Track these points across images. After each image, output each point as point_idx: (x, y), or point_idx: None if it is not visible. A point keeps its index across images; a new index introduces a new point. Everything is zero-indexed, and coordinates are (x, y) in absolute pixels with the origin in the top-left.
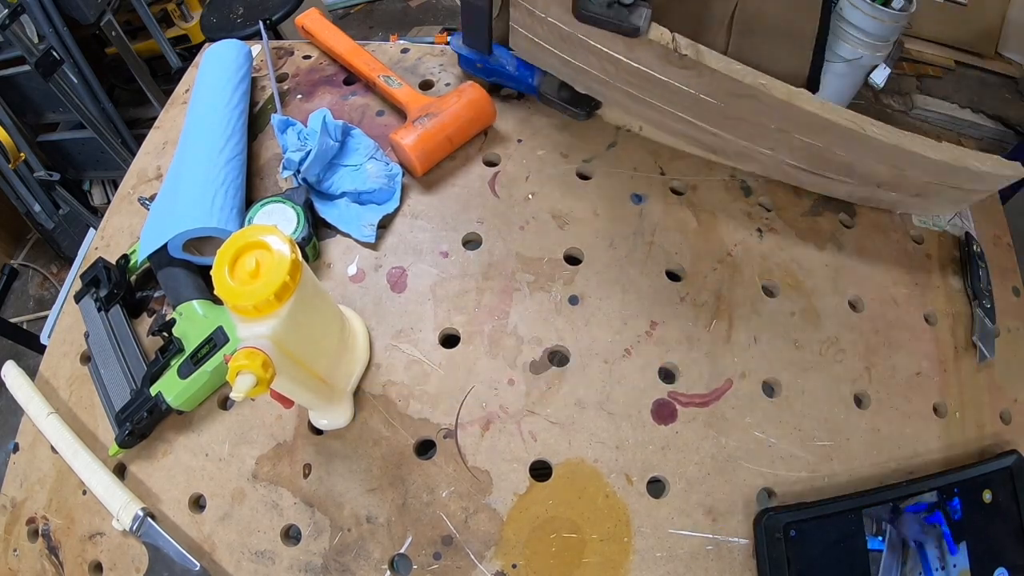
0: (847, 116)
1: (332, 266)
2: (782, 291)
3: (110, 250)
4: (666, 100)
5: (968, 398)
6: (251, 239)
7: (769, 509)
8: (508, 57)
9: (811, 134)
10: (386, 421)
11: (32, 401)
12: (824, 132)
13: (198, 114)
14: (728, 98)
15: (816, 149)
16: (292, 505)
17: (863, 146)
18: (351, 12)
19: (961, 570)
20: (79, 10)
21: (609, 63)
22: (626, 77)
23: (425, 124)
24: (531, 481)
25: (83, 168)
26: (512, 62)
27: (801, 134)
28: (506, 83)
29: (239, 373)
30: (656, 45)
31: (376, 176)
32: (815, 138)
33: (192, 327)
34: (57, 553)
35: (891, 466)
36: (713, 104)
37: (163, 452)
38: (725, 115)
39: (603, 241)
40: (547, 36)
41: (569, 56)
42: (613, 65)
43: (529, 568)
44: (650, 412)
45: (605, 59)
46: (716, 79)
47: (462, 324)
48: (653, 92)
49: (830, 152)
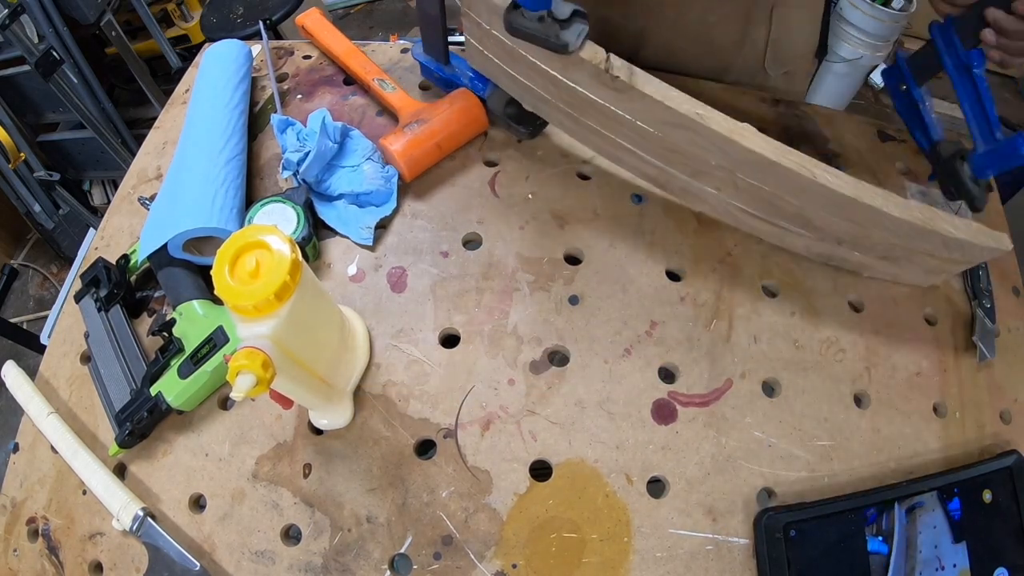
0: (794, 158)
1: (332, 266)
2: (782, 291)
3: (110, 250)
4: (606, 126)
5: (968, 398)
6: (251, 239)
7: (769, 509)
8: (465, 68)
9: (755, 175)
10: (386, 421)
11: (32, 401)
12: (769, 173)
13: (198, 114)
14: (664, 127)
15: (763, 193)
16: (292, 505)
17: (814, 194)
18: (351, 12)
19: (961, 570)
20: (79, 10)
21: (550, 82)
22: (566, 97)
23: (415, 130)
24: (531, 481)
25: (83, 168)
26: (467, 73)
27: (744, 174)
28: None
29: (239, 373)
30: (588, 65)
31: (373, 177)
32: (760, 180)
33: (192, 327)
34: (57, 553)
35: (891, 466)
36: (651, 133)
37: (163, 452)
38: (664, 146)
39: (603, 241)
40: (494, 49)
41: (514, 71)
42: (553, 84)
43: (529, 568)
44: (650, 412)
45: (546, 77)
46: (650, 105)
47: (462, 324)
48: (593, 116)
49: (779, 198)
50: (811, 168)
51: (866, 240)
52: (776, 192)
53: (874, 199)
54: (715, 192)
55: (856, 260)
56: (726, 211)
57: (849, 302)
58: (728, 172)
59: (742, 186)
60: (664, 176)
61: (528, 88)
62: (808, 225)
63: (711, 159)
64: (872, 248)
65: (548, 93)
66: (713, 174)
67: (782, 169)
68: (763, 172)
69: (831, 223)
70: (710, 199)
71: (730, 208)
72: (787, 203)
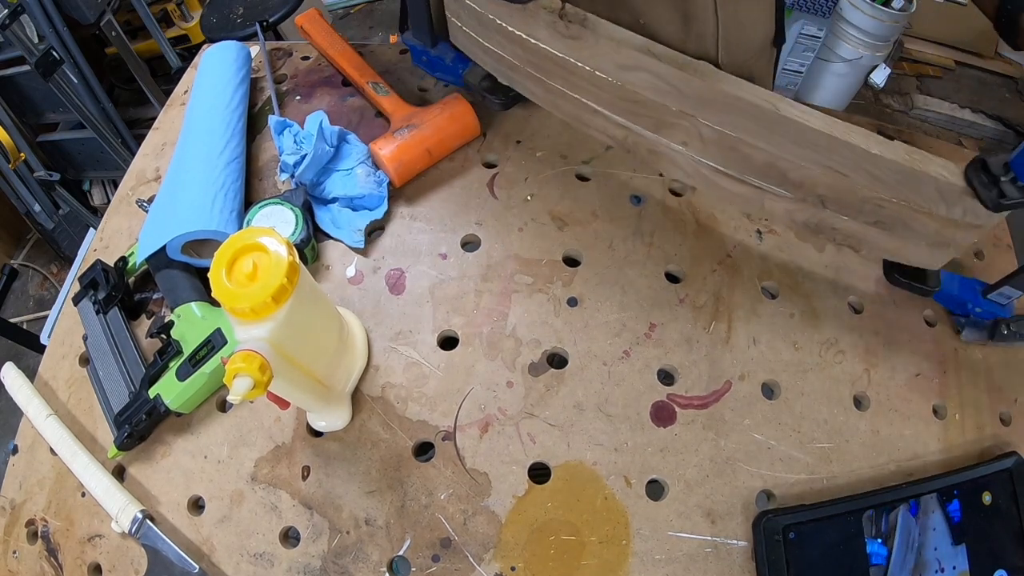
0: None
1: (331, 268)
2: (781, 292)
3: (109, 251)
4: (570, 85)
5: (968, 400)
6: (249, 241)
7: (768, 511)
8: (448, 51)
9: (717, 117)
10: (384, 423)
11: (31, 403)
12: (731, 113)
13: (197, 116)
14: (620, 72)
15: (729, 141)
16: (291, 507)
17: (779, 134)
18: (351, 12)
19: (960, 572)
20: (79, 10)
21: (517, 46)
22: (532, 60)
23: (404, 135)
24: (530, 483)
25: (83, 168)
26: (451, 54)
27: (706, 118)
28: (445, 76)
29: (236, 376)
30: (544, 15)
31: (365, 181)
32: (723, 123)
33: (190, 329)
34: (56, 555)
35: (890, 468)
36: (609, 83)
37: (162, 454)
38: (624, 97)
39: (602, 242)
40: (469, 21)
41: (486, 41)
42: (520, 47)
43: (528, 570)
44: (649, 414)
45: (513, 41)
46: (605, 49)
47: (461, 326)
48: (557, 76)
49: (746, 144)
50: (774, 102)
51: (851, 197)
52: (742, 136)
53: (848, 134)
54: (682, 149)
55: (847, 229)
56: (697, 173)
57: (849, 303)
58: (690, 118)
59: (707, 136)
60: (631, 137)
61: (500, 58)
62: (784, 181)
63: (671, 103)
64: (861, 210)
65: (516, 59)
66: (677, 124)
67: (741, 104)
68: (724, 112)
69: (808, 174)
70: (679, 159)
71: (701, 168)
72: (755, 150)
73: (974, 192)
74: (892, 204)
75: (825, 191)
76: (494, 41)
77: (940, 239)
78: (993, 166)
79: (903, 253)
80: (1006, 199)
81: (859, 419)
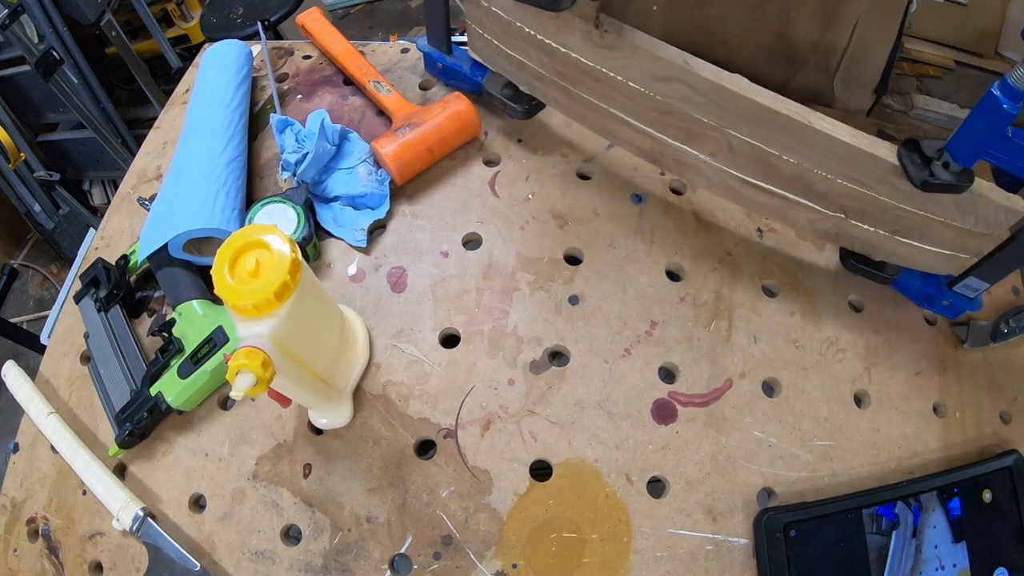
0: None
1: (332, 266)
2: (782, 291)
3: (110, 250)
4: (598, 94)
5: (968, 398)
6: (251, 238)
7: (769, 509)
8: (465, 58)
9: (748, 129)
10: (386, 421)
11: (32, 401)
12: (762, 125)
13: (198, 115)
14: (655, 83)
15: (759, 152)
16: (292, 505)
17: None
18: (351, 12)
19: (961, 570)
20: (79, 10)
21: (544, 54)
22: (559, 68)
23: (406, 134)
24: (531, 481)
25: (83, 168)
26: (468, 62)
27: (738, 130)
28: (461, 84)
29: (239, 372)
30: (579, 24)
31: (367, 180)
32: (754, 135)
33: (192, 327)
34: (57, 553)
35: (891, 466)
36: (641, 94)
37: (163, 452)
38: (655, 108)
39: (603, 241)
40: (492, 29)
41: (511, 49)
42: (547, 55)
43: (529, 568)
44: (650, 412)
45: (541, 49)
46: (640, 60)
47: (462, 324)
48: (586, 86)
49: (775, 156)
50: (806, 116)
51: (874, 208)
52: (771, 149)
53: (875, 148)
54: (709, 160)
55: (865, 237)
56: (723, 183)
57: (849, 302)
58: (722, 132)
59: (737, 147)
60: (658, 147)
61: (524, 66)
62: (810, 192)
63: (703, 116)
64: (881, 220)
65: (542, 67)
66: (707, 135)
67: (776, 117)
68: (757, 124)
69: (833, 185)
70: (705, 169)
71: (727, 179)
72: (784, 163)
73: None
74: (912, 215)
75: (848, 202)
76: (519, 49)
77: (953, 247)
78: (926, 148)
79: (917, 260)
80: (934, 178)
81: (860, 417)
